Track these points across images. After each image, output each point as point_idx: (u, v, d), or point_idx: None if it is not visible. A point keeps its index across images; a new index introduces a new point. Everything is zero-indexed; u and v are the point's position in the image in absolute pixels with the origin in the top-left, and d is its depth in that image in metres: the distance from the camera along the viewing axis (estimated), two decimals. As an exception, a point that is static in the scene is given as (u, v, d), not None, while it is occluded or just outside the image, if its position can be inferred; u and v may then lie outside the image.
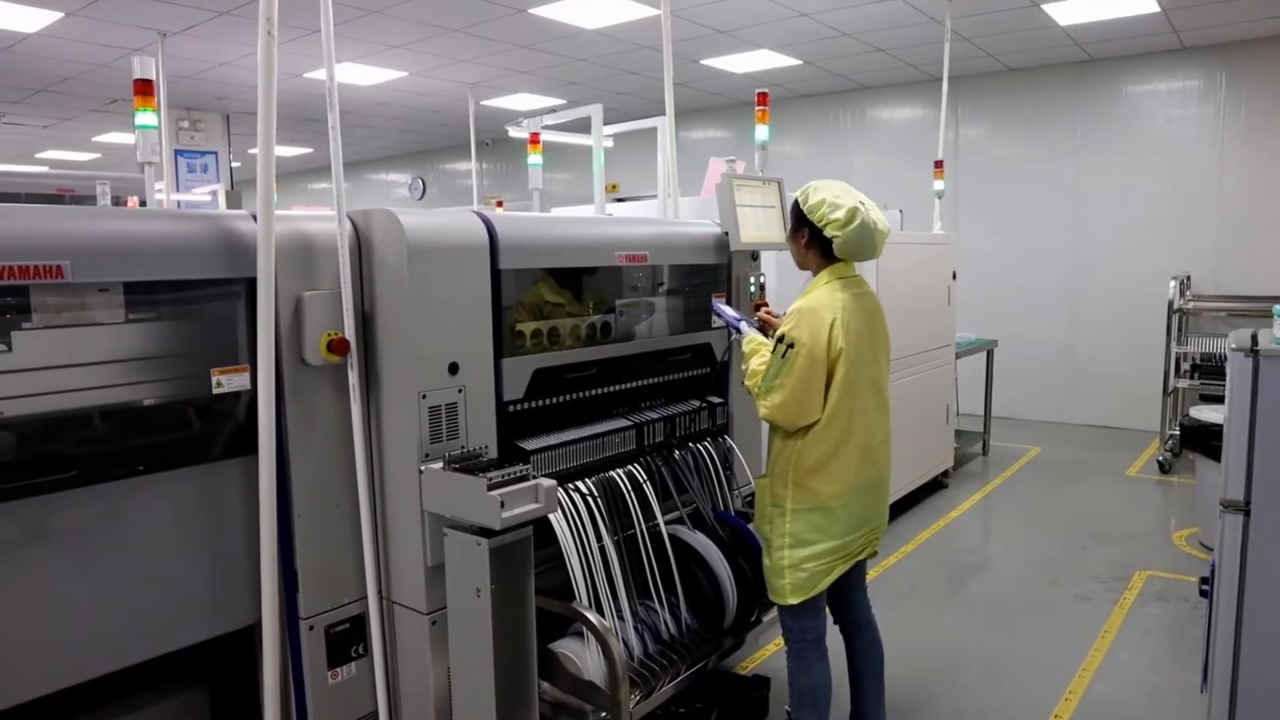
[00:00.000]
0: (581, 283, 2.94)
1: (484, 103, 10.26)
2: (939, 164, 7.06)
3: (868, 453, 2.83)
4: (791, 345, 2.69)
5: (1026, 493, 6.81)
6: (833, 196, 2.78)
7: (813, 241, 2.85)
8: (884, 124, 10.21)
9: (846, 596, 3.10)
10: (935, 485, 6.77)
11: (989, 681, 3.89)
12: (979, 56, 8.61)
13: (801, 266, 2.97)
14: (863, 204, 2.78)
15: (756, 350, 2.95)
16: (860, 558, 2.94)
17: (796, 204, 2.88)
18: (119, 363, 2.21)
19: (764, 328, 3.22)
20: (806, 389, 2.69)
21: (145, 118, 3.10)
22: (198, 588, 2.30)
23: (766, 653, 4.11)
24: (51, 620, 2.05)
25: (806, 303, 2.77)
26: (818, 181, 2.88)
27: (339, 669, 2.50)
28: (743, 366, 2.99)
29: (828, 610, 2.98)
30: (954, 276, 6.76)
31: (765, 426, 2.97)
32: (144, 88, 3.12)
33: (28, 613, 2.01)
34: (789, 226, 2.99)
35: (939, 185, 7.08)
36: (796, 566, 2.80)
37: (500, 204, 10.03)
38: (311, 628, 2.44)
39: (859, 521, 2.85)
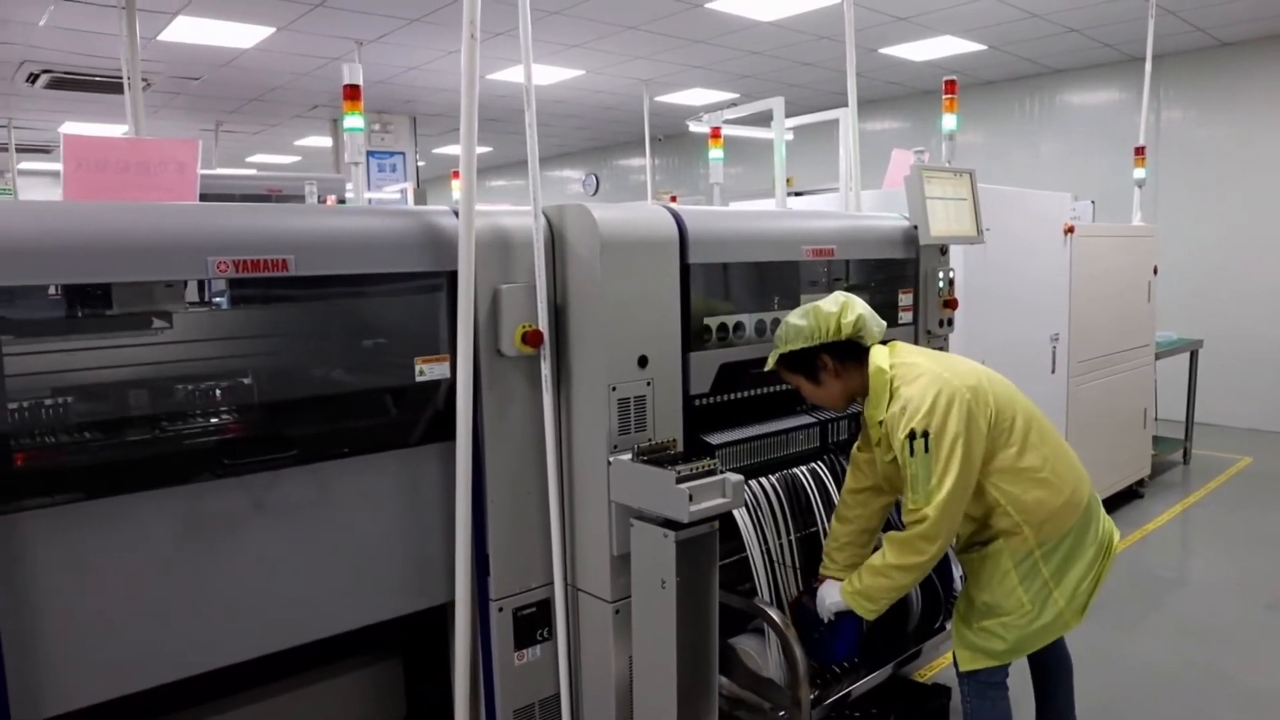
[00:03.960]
0: (764, 277, 2.92)
1: (658, 99, 10.35)
2: (1139, 150, 6.58)
3: (1063, 446, 2.61)
4: (926, 434, 2.37)
5: (1234, 507, 6.26)
6: (814, 312, 2.55)
7: (839, 360, 2.57)
8: (1075, 109, 9.62)
9: None
10: (1130, 494, 6.33)
11: (1189, 708, 3.60)
12: (1186, 31, 7.97)
13: (847, 401, 2.65)
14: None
15: (860, 576, 2.52)
16: (1114, 544, 2.64)
17: (789, 355, 2.58)
18: (334, 350, 2.37)
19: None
20: (969, 472, 2.39)
21: (353, 120, 3.28)
22: (397, 566, 2.43)
23: (946, 660, 3.95)
24: (269, 587, 2.22)
25: (907, 393, 2.44)
26: (790, 319, 2.61)
27: (525, 651, 2.58)
28: (877, 584, 2.49)
29: None
30: (1155, 271, 6.31)
31: None
32: (352, 92, 3.30)
33: (251, 579, 2.19)
34: (800, 380, 2.63)
35: (1140, 173, 6.60)
36: (1072, 595, 2.51)
37: (674, 199, 10.10)
38: (501, 609, 2.53)
39: (1098, 510, 2.62)
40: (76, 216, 1.96)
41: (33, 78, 8.34)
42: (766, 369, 2.65)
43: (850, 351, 2.57)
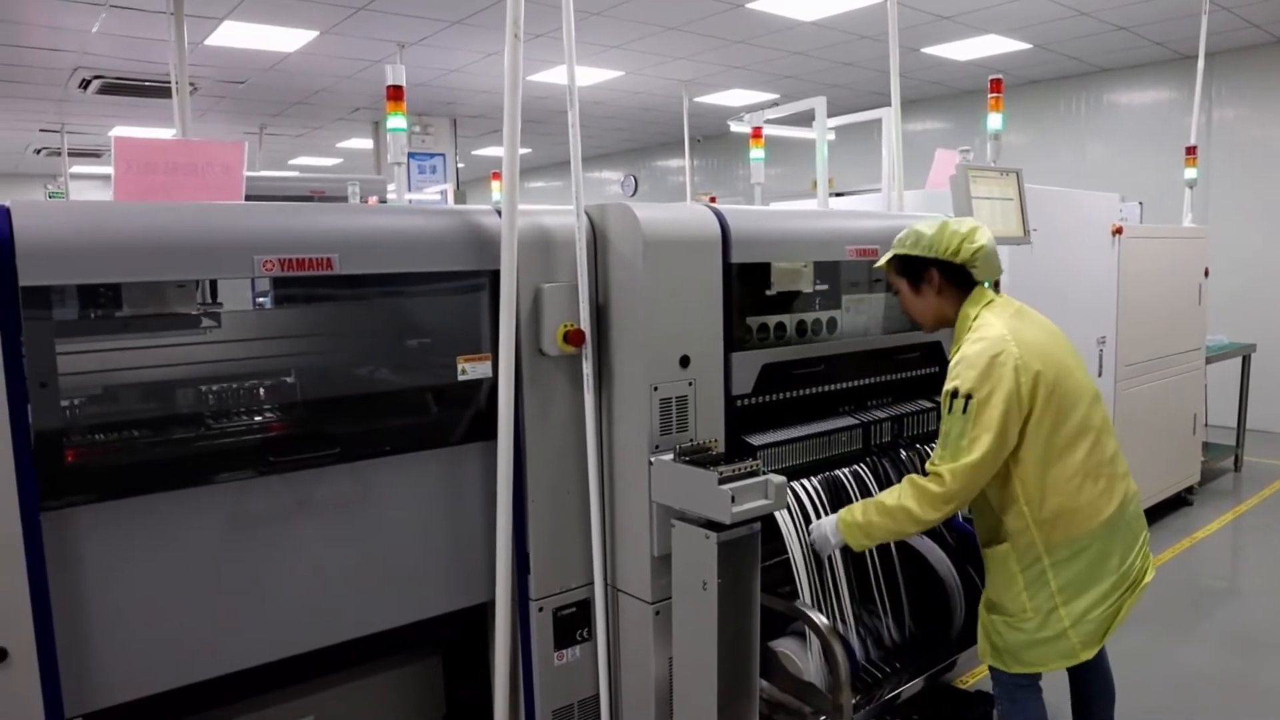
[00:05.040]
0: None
1: (697, 100, 10.33)
2: (1191, 150, 6.44)
3: (1111, 466, 2.52)
4: (970, 396, 2.37)
5: (1289, 515, 6.11)
6: (954, 225, 2.54)
7: (947, 281, 2.56)
8: (1122, 109, 9.45)
9: None
10: (1178, 502, 6.19)
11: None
12: (1241, 28, 7.78)
13: (936, 322, 2.65)
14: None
15: (865, 510, 2.51)
16: (1144, 583, 2.59)
17: (904, 257, 2.60)
18: (377, 349, 2.38)
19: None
20: (1001, 446, 2.36)
21: (396, 121, 3.32)
22: (437, 564, 2.44)
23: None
24: (312, 584, 2.24)
25: (970, 350, 2.44)
26: (921, 222, 2.63)
27: (564, 651, 2.58)
28: (875, 520, 2.49)
29: None
30: (1206, 273, 6.17)
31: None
32: (395, 93, 3.34)
33: (293, 576, 2.21)
34: (903, 284, 2.65)
35: (1191, 174, 6.46)
36: (1080, 620, 2.44)
37: (713, 200, 10.08)
38: (540, 609, 2.52)
39: (1128, 543, 2.54)
40: (127, 216, 1.99)
41: (85, 83, 8.54)
42: (876, 265, 2.72)
43: (959, 277, 2.56)
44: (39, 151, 12.70)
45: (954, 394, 2.40)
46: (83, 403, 2.02)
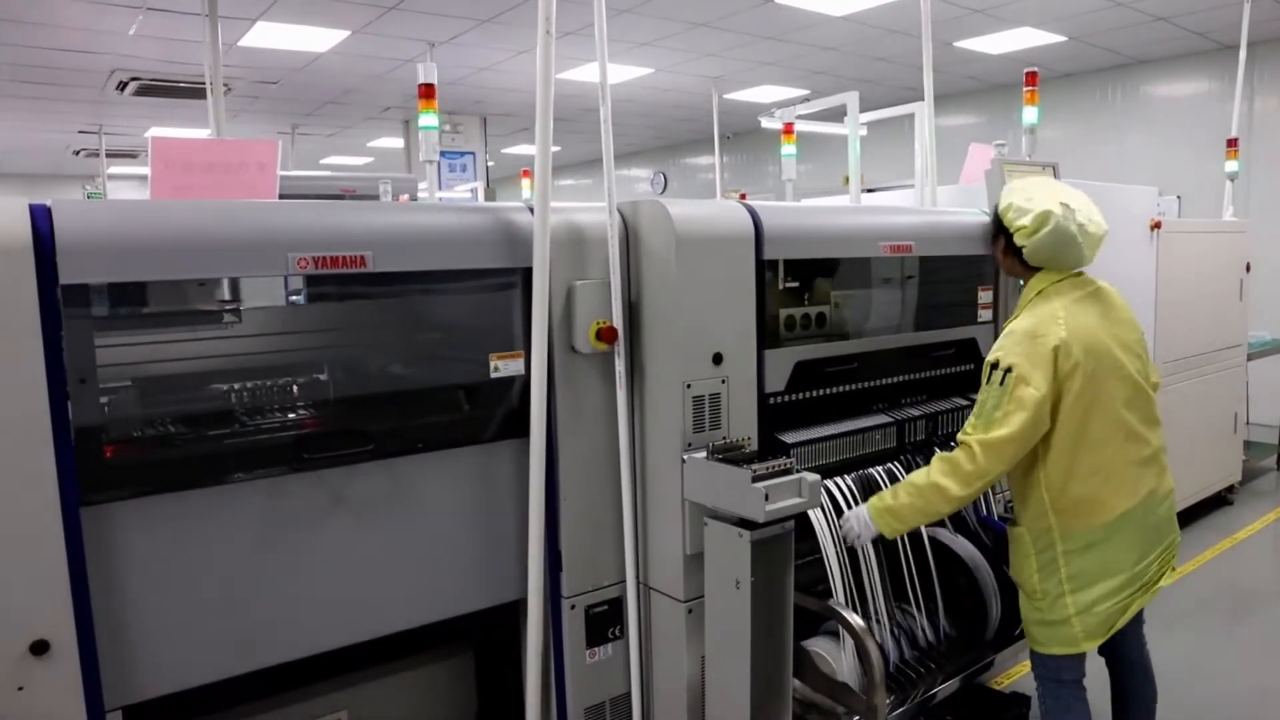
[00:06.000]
0: (837, 274, 2.86)
1: (726, 96, 10.29)
2: (1232, 142, 6.32)
3: (1140, 465, 2.51)
4: (1010, 370, 2.38)
5: (1334, 516, 5.98)
6: (1023, 199, 2.52)
7: (1010, 249, 2.61)
8: (1160, 101, 9.28)
9: (1120, 630, 2.80)
10: (1218, 501, 6.08)
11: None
12: (1283, 18, 7.63)
13: (1010, 274, 2.76)
14: (1064, 204, 2.49)
15: (896, 493, 2.52)
16: (1159, 585, 2.59)
17: (996, 207, 2.67)
18: (410, 346, 2.38)
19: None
20: (1036, 425, 2.38)
21: (428, 119, 3.33)
22: (469, 562, 2.44)
23: (1024, 668, 3.82)
24: (345, 580, 2.24)
25: (1020, 325, 2.48)
26: (1020, 179, 2.63)
27: (596, 649, 2.57)
28: (904, 501, 2.50)
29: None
30: (1247, 268, 6.04)
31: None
32: (427, 91, 3.35)
33: (327, 572, 2.21)
34: (1002, 236, 2.69)
35: (1232, 166, 6.33)
36: (1086, 611, 2.47)
37: (743, 197, 10.04)
38: (573, 607, 2.52)
39: (1150, 544, 2.52)
40: (165, 214, 2.01)
41: (122, 85, 8.66)
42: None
43: (1018, 252, 2.61)
44: (78, 153, 12.91)
45: (994, 365, 2.42)
46: (120, 399, 2.04)
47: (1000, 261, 2.74)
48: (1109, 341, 2.50)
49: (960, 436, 2.46)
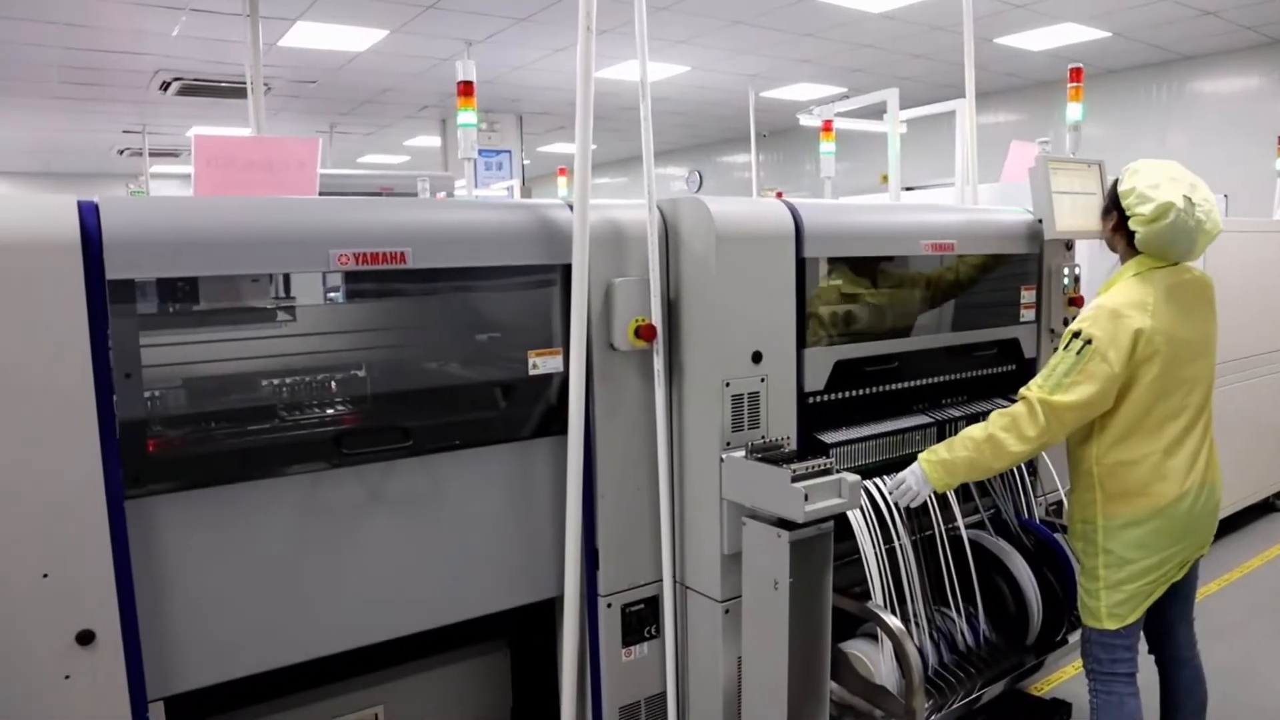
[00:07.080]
0: (878, 273, 2.83)
1: (763, 94, 10.25)
2: (1283, 139, 6.18)
3: (1190, 459, 2.50)
4: (1089, 342, 2.39)
5: (1388, 523, 5.81)
6: (1148, 185, 2.46)
7: (1120, 228, 2.57)
8: (1207, 97, 9.11)
9: (1170, 629, 2.75)
10: (1266, 508, 5.94)
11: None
12: (1337, 12, 7.46)
13: (1111, 249, 2.69)
14: (1187, 198, 2.43)
15: (951, 445, 2.51)
16: (1178, 579, 2.58)
17: (1115, 182, 2.61)
18: (448, 342, 2.39)
19: None
20: (1102, 399, 2.40)
21: (466, 116, 3.34)
22: (506, 559, 2.43)
23: (1064, 675, 3.77)
24: (382, 575, 2.25)
25: (1109, 300, 2.47)
26: (1147, 162, 2.56)
27: (632, 648, 2.56)
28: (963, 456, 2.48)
29: (1144, 641, 2.66)
30: (1299, 269, 5.89)
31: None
32: (465, 88, 3.36)
33: (364, 567, 2.22)
34: (1115, 211, 2.67)
35: (1283, 163, 6.19)
36: (1114, 588, 2.51)
37: (780, 195, 9.99)
38: (609, 605, 2.51)
39: (1181, 533, 2.51)
40: (208, 211, 2.03)
41: (165, 85, 8.81)
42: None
43: (1129, 233, 2.55)
44: (122, 152, 13.16)
45: (1076, 334, 2.42)
46: (164, 394, 2.06)
47: (1106, 235, 2.69)
48: (1191, 335, 2.51)
49: (1023, 391, 2.47)
